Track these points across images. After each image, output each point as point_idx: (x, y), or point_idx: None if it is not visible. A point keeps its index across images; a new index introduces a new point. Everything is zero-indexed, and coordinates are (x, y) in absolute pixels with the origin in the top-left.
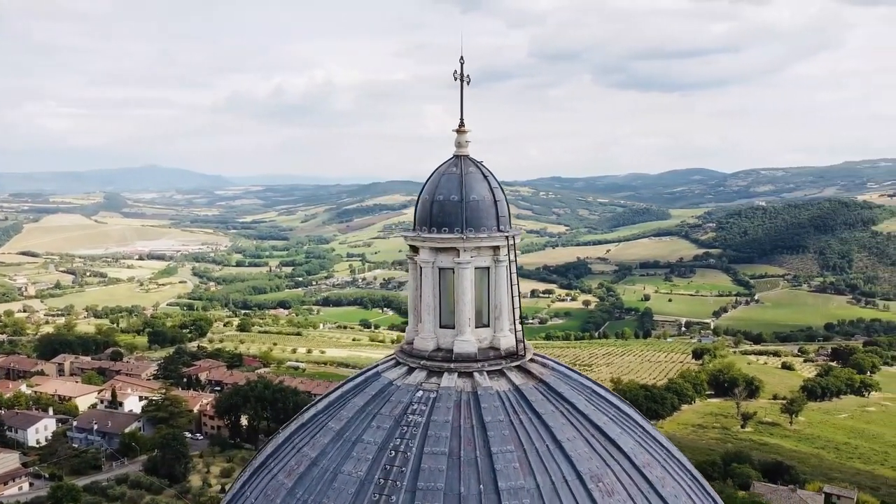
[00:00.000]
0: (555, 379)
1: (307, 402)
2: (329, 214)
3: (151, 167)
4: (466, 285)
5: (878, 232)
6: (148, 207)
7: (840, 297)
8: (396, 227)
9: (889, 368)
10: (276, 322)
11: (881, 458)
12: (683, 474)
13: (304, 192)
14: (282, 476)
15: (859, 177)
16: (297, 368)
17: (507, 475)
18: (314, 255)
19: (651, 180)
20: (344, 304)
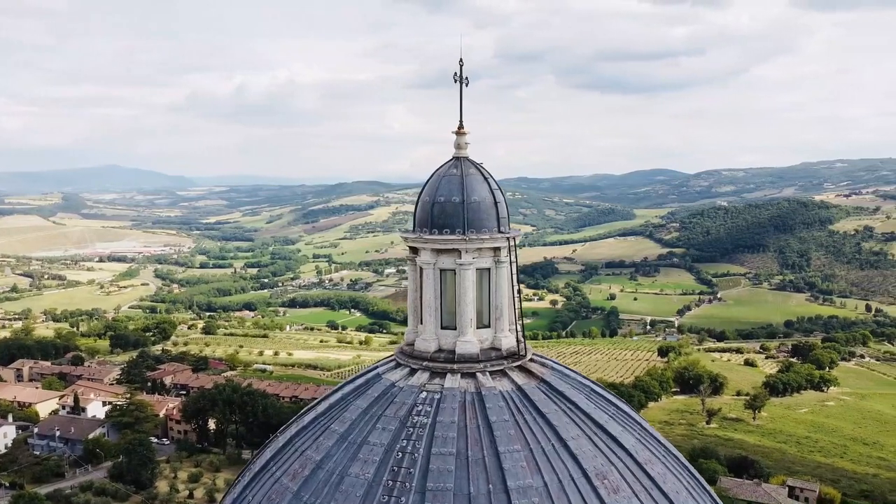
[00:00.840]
0: (555, 378)
1: (276, 405)
2: (294, 215)
3: (111, 167)
4: (468, 286)
5: (834, 231)
6: (108, 208)
7: (799, 294)
8: (363, 227)
9: (846, 364)
10: (241, 324)
11: (840, 451)
12: (682, 470)
13: (268, 193)
14: (286, 479)
15: (816, 177)
16: (264, 371)
17: (515, 474)
18: (280, 257)
19: (616, 181)
20: (311, 305)
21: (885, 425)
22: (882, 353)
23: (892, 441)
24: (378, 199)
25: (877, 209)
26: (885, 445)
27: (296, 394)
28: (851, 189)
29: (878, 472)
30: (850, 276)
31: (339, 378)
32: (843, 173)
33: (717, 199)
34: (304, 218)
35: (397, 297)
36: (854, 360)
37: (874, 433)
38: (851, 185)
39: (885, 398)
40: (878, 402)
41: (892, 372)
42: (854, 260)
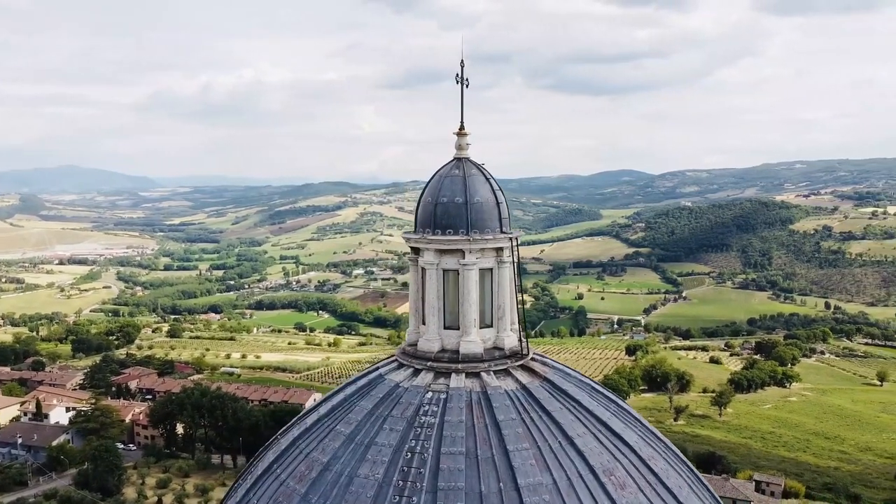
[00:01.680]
0: (558, 377)
1: (246, 409)
2: (261, 216)
3: (70, 168)
4: (472, 286)
5: (795, 231)
6: (68, 210)
7: (761, 293)
8: (330, 228)
9: (807, 360)
10: (207, 327)
11: (803, 445)
12: (682, 466)
13: (234, 194)
14: (292, 482)
15: (777, 178)
16: (231, 374)
17: (525, 472)
18: (246, 258)
19: (582, 181)
20: (278, 307)
21: (845, 420)
22: (841, 350)
23: (852, 435)
24: (346, 200)
25: (835, 209)
26: (845, 439)
27: (265, 397)
28: (810, 189)
29: (839, 465)
30: (810, 275)
31: (309, 380)
32: (802, 174)
33: (681, 200)
34: (271, 219)
35: (366, 299)
36: (815, 357)
37: (835, 427)
38: (810, 185)
39: (845, 393)
40: (838, 397)
41: (851, 368)
42: (814, 259)
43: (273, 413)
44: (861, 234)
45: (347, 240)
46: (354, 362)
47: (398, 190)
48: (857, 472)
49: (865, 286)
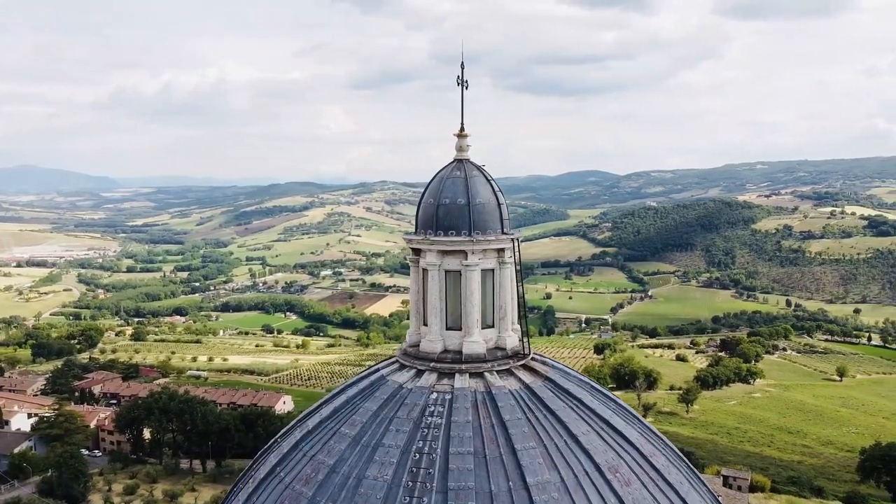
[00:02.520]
0: (559, 376)
1: (216, 413)
2: (226, 217)
3: (28, 168)
4: (474, 287)
5: (756, 230)
6: (26, 211)
7: (725, 291)
8: (297, 229)
9: (770, 357)
10: (172, 330)
11: (767, 440)
12: (680, 462)
13: (198, 194)
14: (298, 485)
15: (739, 178)
16: (198, 377)
17: (533, 471)
18: (211, 259)
19: (550, 181)
20: (244, 309)
21: (807, 414)
22: (802, 346)
23: (813, 430)
24: (313, 200)
25: (795, 209)
26: (807, 434)
27: (234, 400)
28: (772, 190)
29: (802, 458)
30: (772, 273)
31: (278, 383)
32: (763, 175)
33: (646, 200)
34: (237, 220)
35: (334, 300)
36: (777, 353)
37: (797, 422)
38: (771, 185)
39: (807, 388)
40: (800, 392)
41: (811, 364)
42: (775, 257)
43: (243, 416)
44: (820, 234)
45: (315, 240)
46: (324, 364)
47: (366, 190)
48: (820, 466)
49: (824, 284)
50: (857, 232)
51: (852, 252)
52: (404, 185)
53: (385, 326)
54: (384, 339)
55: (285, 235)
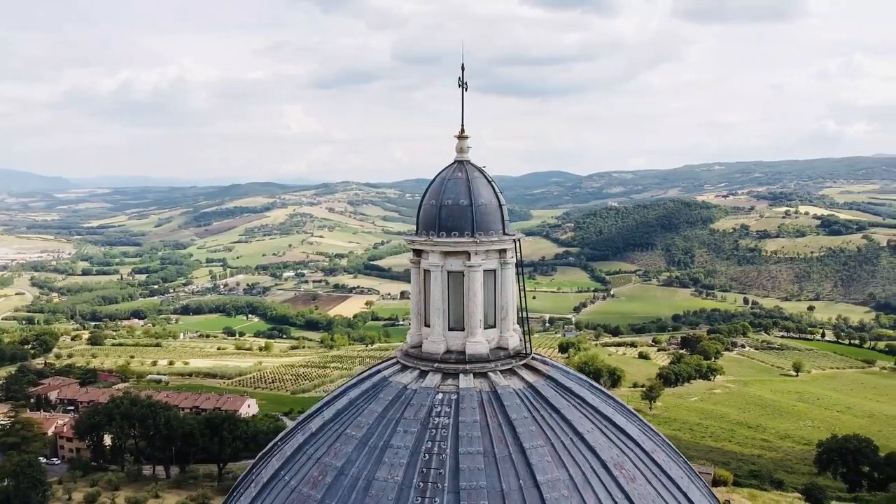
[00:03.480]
0: (559, 374)
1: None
2: (185, 218)
3: None
4: (477, 288)
5: (715, 230)
6: None
7: (685, 289)
8: (259, 230)
9: (729, 353)
10: (131, 333)
11: (728, 435)
12: (677, 457)
13: (157, 195)
14: (305, 488)
15: (697, 179)
16: (159, 382)
17: (542, 469)
18: (170, 261)
19: (513, 182)
20: (205, 311)
21: (766, 409)
22: (760, 343)
23: (772, 424)
24: (274, 201)
25: (751, 209)
26: (766, 428)
27: (196, 404)
28: (729, 190)
29: (762, 452)
30: (730, 272)
31: (241, 386)
32: (721, 175)
33: (608, 200)
34: (196, 221)
35: (297, 301)
36: (736, 350)
37: (757, 417)
38: (728, 186)
39: (765, 384)
40: (759, 388)
41: (769, 360)
42: (732, 256)
43: (208, 420)
44: (775, 233)
45: (276, 241)
46: (287, 366)
47: (328, 191)
48: (779, 459)
49: (780, 282)
50: (811, 231)
51: (806, 251)
52: (367, 185)
53: (349, 328)
54: (348, 340)
55: (246, 237)
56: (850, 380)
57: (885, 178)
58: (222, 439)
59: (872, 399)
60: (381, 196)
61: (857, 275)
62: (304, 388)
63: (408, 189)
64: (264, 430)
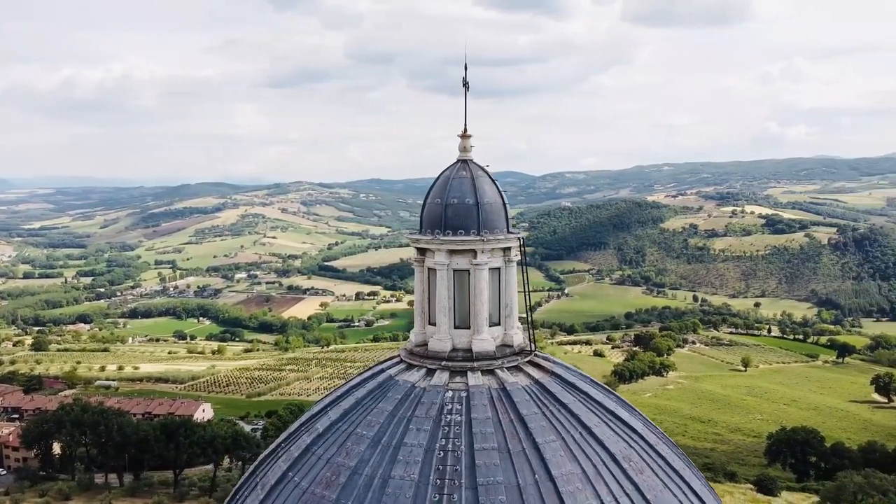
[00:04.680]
0: (562, 371)
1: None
2: (133, 219)
3: None
4: (483, 286)
5: (665, 229)
6: None
7: (636, 288)
8: (209, 231)
9: (681, 350)
10: (77, 338)
11: (682, 430)
12: (676, 449)
13: (102, 195)
14: (318, 489)
15: (648, 179)
16: (108, 387)
17: (556, 463)
18: (117, 264)
19: None
20: (155, 315)
21: (716, 404)
22: (710, 339)
23: (723, 418)
24: (225, 202)
25: (700, 208)
26: (718, 422)
27: (149, 409)
28: (678, 190)
29: (714, 446)
30: (679, 270)
31: (195, 390)
32: (670, 176)
33: (561, 200)
34: (144, 222)
35: (250, 303)
36: (687, 347)
37: (708, 411)
38: (677, 186)
39: (715, 379)
40: (710, 383)
41: (718, 355)
42: (682, 255)
43: (163, 426)
44: (723, 232)
45: (228, 243)
46: (242, 370)
47: (281, 191)
48: (731, 452)
49: (727, 279)
50: (756, 230)
51: (752, 249)
52: (321, 185)
53: (304, 330)
54: (304, 342)
55: (197, 238)
56: (796, 374)
57: (826, 178)
58: (178, 445)
59: (816, 392)
60: (335, 196)
61: (799, 272)
62: (260, 392)
63: (362, 189)
64: (222, 434)
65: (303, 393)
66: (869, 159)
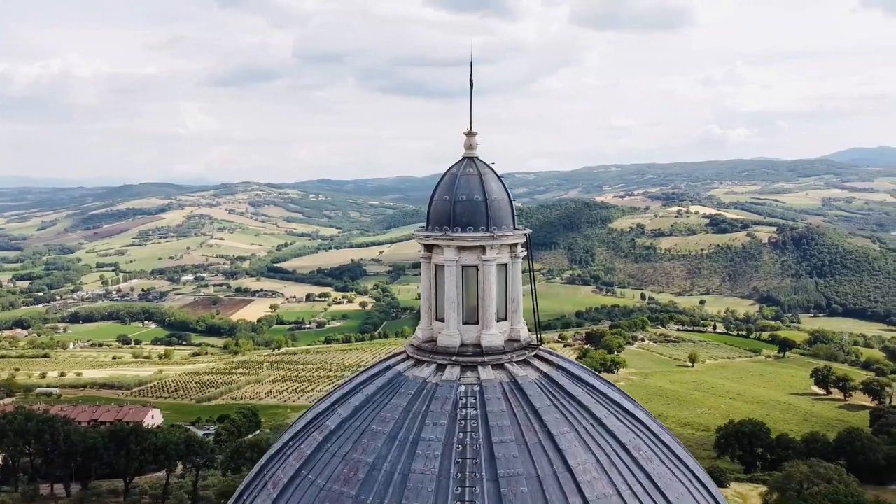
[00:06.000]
0: (568, 364)
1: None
2: (72, 220)
3: None
4: (492, 281)
5: (613, 229)
6: None
7: (586, 287)
8: (154, 232)
9: (630, 347)
10: (14, 344)
11: None
12: (673, 439)
13: (39, 196)
14: (336, 486)
15: (596, 180)
16: (50, 395)
17: (572, 454)
18: (56, 267)
19: (417, 183)
20: (97, 319)
21: (666, 399)
22: (658, 336)
23: (672, 413)
24: (170, 202)
25: (646, 209)
26: (668, 417)
27: (95, 417)
28: (625, 191)
29: None
30: (627, 269)
31: (143, 396)
32: (617, 177)
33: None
34: (85, 223)
35: (197, 306)
36: (636, 344)
37: (658, 406)
38: (625, 187)
39: (664, 375)
40: (659, 379)
41: (666, 352)
42: (630, 254)
43: (113, 433)
44: (669, 231)
45: (173, 244)
46: (191, 374)
47: (228, 191)
48: None
49: (673, 278)
50: (701, 229)
51: (697, 248)
52: (269, 185)
53: (254, 332)
54: (254, 345)
55: (140, 240)
56: (740, 368)
57: (765, 179)
58: (129, 452)
59: (760, 386)
60: (283, 197)
61: (742, 270)
62: (211, 396)
63: (311, 189)
64: (175, 440)
65: (255, 396)
66: (805, 161)
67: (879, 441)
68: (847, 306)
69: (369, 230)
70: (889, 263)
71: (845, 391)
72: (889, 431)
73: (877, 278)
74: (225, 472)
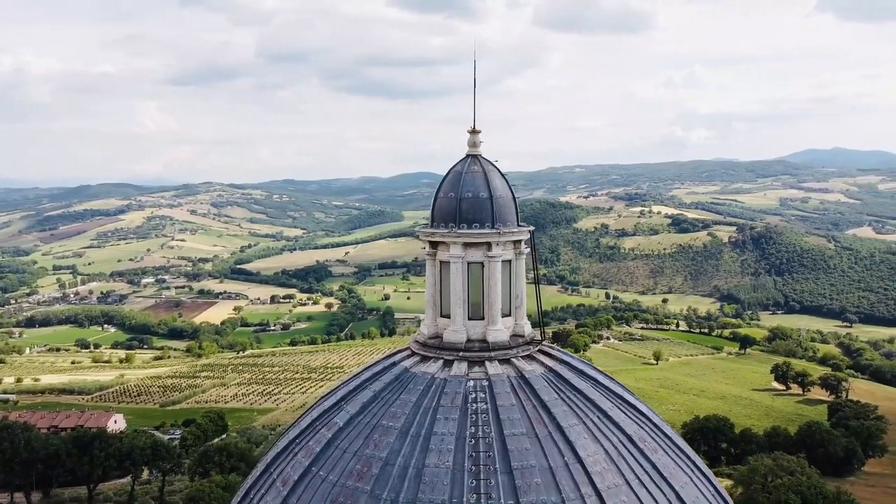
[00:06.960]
0: (570, 359)
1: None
2: (27, 222)
3: None
4: (498, 277)
5: (578, 229)
6: None
7: (552, 286)
8: (113, 234)
9: (596, 346)
10: None
11: None
12: (673, 431)
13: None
14: (349, 481)
15: (561, 181)
16: (7, 401)
17: (582, 446)
18: (10, 269)
19: (383, 183)
20: (54, 323)
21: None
22: (623, 335)
23: None
24: (130, 203)
25: (610, 209)
26: None
27: (55, 423)
28: (589, 191)
29: None
30: (592, 268)
31: (104, 401)
32: (581, 177)
33: None
34: (40, 225)
35: (158, 309)
36: (602, 342)
37: None
38: (589, 187)
39: (629, 373)
40: (624, 377)
41: (631, 350)
42: (594, 254)
43: (76, 439)
44: (632, 231)
45: (133, 246)
46: (153, 378)
47: (189, 192)
48: None
49: (637, 277)
50: (663, 229)
51: (659, 248)
52: (231, 186)
53: (217, 335)
54: (218, 348)
55: (99, 241)
56: (703, 365)
57: (725, 179)
58: (93, 458)
59: (722, 382)
60: (246, 197)
61: (703, 269)
62: (175, 400)
63: (275, 190)
64: (141, 445)
65: (220, 400)
66: (763, 162)
67: (838, 434)
68: (804, 303)
69: (334, 231)
70: (843, 262)
71: (804, 386)
72: (846, 425)
73: (832, 276)
74: (192, 476)
